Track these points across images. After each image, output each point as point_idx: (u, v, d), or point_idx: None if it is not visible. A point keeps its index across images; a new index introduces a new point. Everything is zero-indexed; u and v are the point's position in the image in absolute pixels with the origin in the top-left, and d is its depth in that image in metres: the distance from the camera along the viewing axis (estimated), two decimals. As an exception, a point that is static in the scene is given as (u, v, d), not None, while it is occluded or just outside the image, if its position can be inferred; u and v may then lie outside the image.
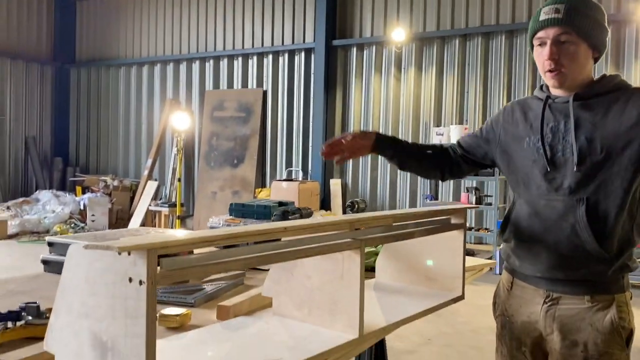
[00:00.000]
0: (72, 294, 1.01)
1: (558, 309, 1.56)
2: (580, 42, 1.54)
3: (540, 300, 1.60)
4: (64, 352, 1.05)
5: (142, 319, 0.84)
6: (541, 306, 1.59)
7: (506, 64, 7.92)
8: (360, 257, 1.31)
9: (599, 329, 1.50)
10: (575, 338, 1.52)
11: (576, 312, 1.53)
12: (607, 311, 1.51)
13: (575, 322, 1.53)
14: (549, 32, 1.55)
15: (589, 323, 1.52)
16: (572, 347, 1.53)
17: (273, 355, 1.20)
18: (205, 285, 1.86)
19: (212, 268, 0.96)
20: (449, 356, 4.03)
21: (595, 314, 1.52)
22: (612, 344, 1.50)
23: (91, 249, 0.89)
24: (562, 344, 1.54)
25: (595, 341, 1.50)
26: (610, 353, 1.50)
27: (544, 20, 1.55)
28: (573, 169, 1.52)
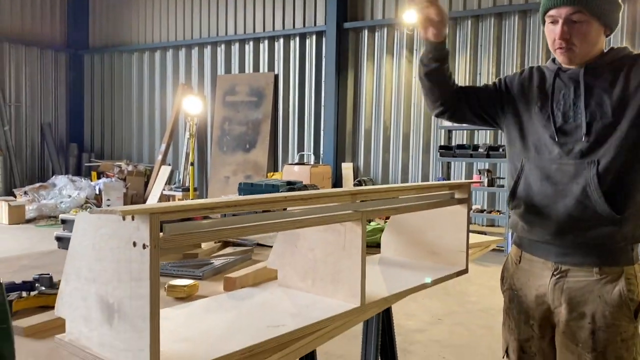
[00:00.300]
0: (80, 260, 1.06)
1: (566, 282, 1.58)
2: (593, 21, 1.54)
3: (549, 273, 1.61)
4: (74, 316, 1.10)
5: (146, 281, 0.88)
6: (549, 279, 1.61)
7: (519, 44, 7.83)
8: (361, 228, 1.34)
9: (607, 301, 1.52)
10: (583, 310, 1.54)
11: (585, 285, 1.55)
12: (616, 283, 1.52)
13: (583, 294, 1.54)
14: (561, 11, 1.55)
15: (597, 295, 1.53)
16: (580, 319, 1.55)
17: (277, 322, 1.24)
18: (213, 260, 1.91)
19: (212, 234, 1.00)
20: (459, 334, 4.06)
21: (603, 286, 1.53)
22: (620, 316, 1.51)
23: (96, 213, 0.93)
24: (570, 316, 1.56)
25: (604, 313, 1.52)
26: (618, 325, 1.52)
27: (554, 0, 1.55)
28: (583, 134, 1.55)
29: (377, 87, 8.98)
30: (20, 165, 11.64)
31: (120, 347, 0.96)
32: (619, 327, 1.52)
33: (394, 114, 8.85)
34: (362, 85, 9.10)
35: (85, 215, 1.02)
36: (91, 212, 0.94)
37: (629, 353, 1.52)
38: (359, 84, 9.13)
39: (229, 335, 1.15)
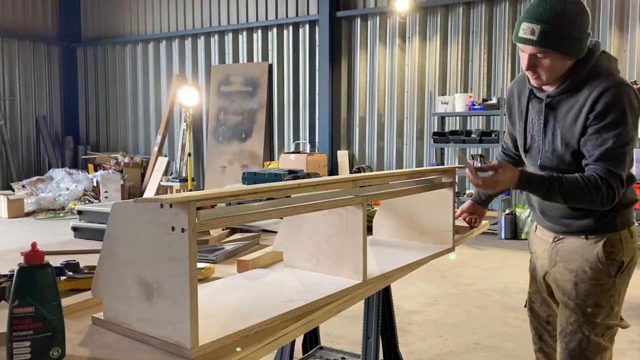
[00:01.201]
0: (117, 245, 1.19)
1: (562, 245, 1.93)
2: (557, 56, 1.72)
3: (551, 239, 1.97)
4: (111, 296, 1.23)
5: (186, 261, 1.01)
6: (550, 244, 1.97)
7: (510, 31, 7.94)
8: (362, 211, 1.48)
9: (587, 259, 1.84)
10: (571, 267, 1.88)
11: (574, 247, 1.88)
12: (596, 246, 1.83)
13: (572, 254, 1.88)
14: (526, 49, 1.73)
15: (581, 254, 1.86)
16: (569, 273, 1.88)
17: (290, 298, 1.38)
18: (224, 245, 2.04)
19: (238, 218, 1.13)
20: (454, 315, 4.23)
21: (587, 248, 1.85)
22: (598, 272, 1.83)
23: (140, 202, 1.06)
24: (562, 271, 1.91)
25: (584, 269, 1.85)
26: (597, 278, 1.83)
27: (521, 38, 1.72)
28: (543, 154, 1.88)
29: (370, 75, 9.09)
30: (16, 159, 11.69)
31: (159, 321, 1.09)
32: (598, 281, 1.83)
33: (387, 102, 8.97)
34: (355, 74, 9.21)
35: (122, 204, 1.15)
36: (136, 201, 1.07)
37: (607, 302, 1.83)
38: (353, 72, 9.24)
39: (250, 310, 1.29)
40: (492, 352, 3.50)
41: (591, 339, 1.83)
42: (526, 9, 1.74)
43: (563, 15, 1.67)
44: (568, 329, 1.87)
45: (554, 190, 1.72)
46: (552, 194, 1.74)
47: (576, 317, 1.85)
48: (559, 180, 1.73)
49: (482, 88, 8.16)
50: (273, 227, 2.40)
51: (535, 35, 1.67)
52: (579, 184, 1.70)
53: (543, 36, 1.67)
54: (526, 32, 1.69)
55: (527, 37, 1.69)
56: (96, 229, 2.25)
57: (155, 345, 1.11)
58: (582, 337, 1.84)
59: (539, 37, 1.67)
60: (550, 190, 1.73)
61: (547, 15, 1.67)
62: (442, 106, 7.78)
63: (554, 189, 1.72)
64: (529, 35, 1.68)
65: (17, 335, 1.01)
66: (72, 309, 1.37)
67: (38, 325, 1.03)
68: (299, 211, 1.31)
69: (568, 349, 1.87)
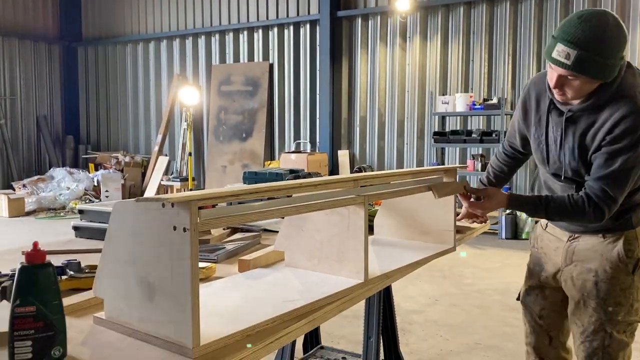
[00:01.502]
0: (119, 245, 1.19)
1: (577, 244, 1.94)
2: (587, 80, 1.68)
3: (565, 238, 1.98)
4: (112, 295, 1.23)
5: (187, 260, 1.01)
6: (565, 242, 1.98)
7: (511, 31, 7.94)
8: (364, 210, 1.47)
9: (607, 258, 1.86)
10: (590, 266, 1.89)
11: (591, 246, 1.90)
12: (615, 244, 1.86)
13: (590, 253, 1.90)
14: (558, 70, 1.68)
15: (600, 254, 1.87)
16: (587, 272, 1.89)
17: (291, 297, 1.38)
18: (225, 245, 2.04)
19: (240, 218, 1.13)
20: (455, 314, 4.23)
21: (605, 247, 1.87)
22: (618, 270, 1.85)
23: (142, 201, 1.06)
24: (579, 270, 1.91)
25: (604, 268, 1.86)
26: (617, 277, 1.85)
27: (554, 59, 1.66)
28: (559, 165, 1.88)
29: (371, 74, 9.09)
30: (17, 158, 11.70)
31: (161, 320, 1.09)
32: (618, 279, 1.85)
33: (388, 101, 8.97)
34: (356, 73, 9.21)
35: (123, 204, 1.15)
36: (138, 200, 1.06)
37: (627, 299, 1.86)
38: (354, 72, 9.24)
39: (251, 309, 1.29)
40: (492, 352, 3.50)
41: (614, 336, 1.87)
42: (563, 27, 1.66)
43: (601, 42, 1.62)
44: (590, 329, 1.89)
45: (540, 210, 1.83)
46: (539, 212, 1.84)
47: (598, 316, 1.87)
48: (546, 202, 1.82)
49: (483, 88, 8.16)
50: (274, 227, 2.40)
51: (570, 60, 1.62)
52: (564, 205, 1.79)
53: (578, 62, 1.62)
54: (560, 55, 1.64)
55: (561, 60, 1.64)
56: (97, 228, 2.25)
57: (157, 344, 1.11)
58: (604, 335, 1.87)
59: (573, 62, 1.62)
60: (538, 210, 1.83)
61: (585, 40, 1.61)
62: (442, 106, 7.77)
63: (541, 209, 1.83)
64: (564, 59, 1.63)
65: (19, 335, 1.01)
66: (74, 308, 1.37)
67: (39, 325, 1.02)
68: (301, 211, 1.31)
69: (592, 348, 1.90)
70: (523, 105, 2.00)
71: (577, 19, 1.66)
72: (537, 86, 1.95)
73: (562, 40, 1.64)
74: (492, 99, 7.66)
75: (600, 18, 1.65)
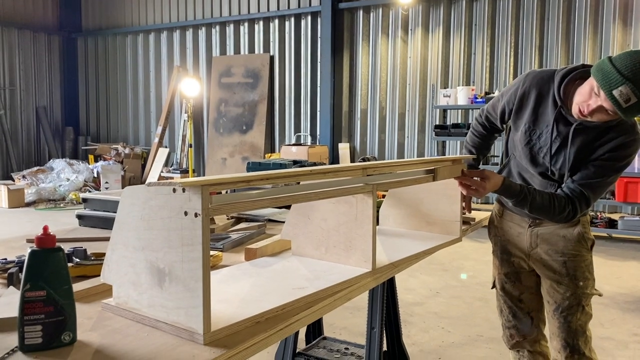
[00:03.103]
0: (128, 231, 1.18)
1: (539, 229, 2.08)
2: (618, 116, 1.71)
3: (526, 224, 2.12)
4: (121, 281, 1.22)
5: (199, 246, 1.00)
6: (526, 228, 2.11)
7: (513, 24, 7.91)
8: (372, 199, 1.47)
9: (570, 239, 2.03)
10: (556, 247, 2.05)
11: (553, 229, 2.05)
12: (575, 227, 2.03)
13: (553, 237, 2.05)
14: (606, 104, 1.65)
15: (562, 236, 2.04)
16: (554, 253, 2.06)
17: (300, 285, 1.37)
18: (230, 234, 2.03)
19: (251, 204, 1.12)
20: (456, 307, 4.24)
21: (567, 230, 2.04)
22: (580, 248, 2.03)
23: (152, 186, 1.05)
24: (548, 251, 2.07)
25: (569, 248, 2.03)
26: (581, 255, 2.04)
27: (613, 98, 1.61)
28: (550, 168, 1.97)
29: (372, 67, 9.06)
30: (16, 149, 11.67)
31: (171, 306, 1.08)
32: (582, 257, 2.04)
33: (389, 94, 8.95)
34: (357, 66, 9.18)
35: (133, 189, 1.14)
36: (149, 185, 1.05)
37: (591, 274, 2.06)
38: (355, 64, 9.21)
39: (260, 297, 1.28)
40: (494, 344, 3.50)
41: (585, 309, 2.04)
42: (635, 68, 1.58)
43: None
44: (565, 304, 2.04)
45: (525, 202, 1.91)
46: (523, 204, 1.92)
47: (572, 292, 2.03)
48: (533, 194, 1.90)
49: (485, 81, 8.14)
50: (279, 217, 2.40)
51: (628, 104, 1.60)
52: (548, 202, 1.89)
53: (630, 109, 1.61)
54: (622, 97, 1.59)
55: (619, 101, 1.60)
56: (100, 216, 2.24)
57: (167, 330, 1.10)
58: (577, 309, 2.03)
59: (628, 108, 1.61)
60: (523, 201, 1.91)
61: None
62: (444, 99, 7.75)
63: (527, 201, 1.90)
64: (622, 101, 1.60)
65: (29, 319, 1.01)
66: (81, 295, 1.36)
67: (49, 309, 1.02)
68: (311, 198, 1.30)
69: (567, 322, 2.04)
70: (520, 98, 2.02)
71: None
72: (540, 87, 1.96)
73: (631, 84, 1.58)
74: (494, 92, 7.64)
75: None
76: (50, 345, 1.02)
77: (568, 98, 1.87)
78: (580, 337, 2.04)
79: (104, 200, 2.28)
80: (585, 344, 2.05)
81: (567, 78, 1.87)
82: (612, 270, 5.16)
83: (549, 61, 7.69)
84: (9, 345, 1.04)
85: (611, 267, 5.29)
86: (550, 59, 7.69)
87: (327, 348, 2.83)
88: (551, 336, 2.12)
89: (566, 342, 2.04)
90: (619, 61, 1.62)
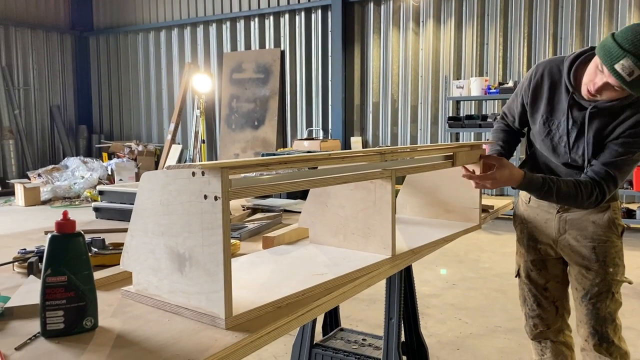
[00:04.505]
0: (147, 216, 1.17)
1: (568, 215, 2.04)
2: (626, 92, 1.69)
3: (554, 210, 2.07)
4: (141, 268, 1.22)
5: (219, 229, 0.99)
6: (555, 214, 2.07)
7: (527, 13, 7.82)
8: (391, 185, 1.45)
9: (600, 225, 1.99)
10: (585, 233, 2.00)
11: (581, 215, 2.01)
12: (605, 212, 1.99)
13: (582, 222, 2.01)
14: (612, 80, 1.64)
15: (592, 221, 2.00)
16: (584, 239, 2.01)
17: (319, 271, 1.36)
18: (247, 224, 2.03)
19: (270, 188, 1.11)
20: (473, 298, 4.20)
21: (596, 215, 1.99)
22: (610, 234, 1.99)
23: (171, 169, 1.04)
24: (575, 238, 2.02)
25: (599, 233, 1.99)
26: (611, 241, 1.99)
27: (616, 72, 1.60)
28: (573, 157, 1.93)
29: (384, 60, 9.00)
30: (31, 148, 11.79)
31: (192, 291, 1.08)
32: (612, 243, 1.99)
33: (401, 87, 8.89)
34: (369, 59, 9.13)
35: (152, 174, 1.13)
36: (169, 168, 1.05)
37: (621, 260, 2.02)
38: (366, 57, 9.16)
39: (280, 283, 1.27)
40: (513, 334, 3.47)
41: (615, 296, 1.99)
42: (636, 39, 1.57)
43: None
44: (594, 290, 1.99)
45: (550, 193, 1.85)
46: (548, 195, 1.87)
47: (602, 278, 1.98)
48: (557, 184, 1.84)
49: (498, 71, 8.06)
50: (294, 207, 2.38)
51: (632, 77, 1.59)
52: (574, 189, 1.83)
53: (636, 82, 1.60)
54: (624, 70, 1.58)
55: (622, 75, 1.59)
56: (117, 208, 2.24)
57: (188, 316, 1.09)
58: (607, 296, 1.98)
59: (633, 80, 1.59)
60: (548, 192, 1.85)
61: None
62: (457, 90, 7.69)
63: (551, 192, 1.85)
64: (625, 75, 1.59)
65: (51, 305, 1.00)
66: (101, 283, 1.36)
67: (71, 295, 1.01)
68: (329, 182, 1.29)
69: (596, 309, 1.99)
70: (533, 90, 2.00)
71: None
72: (552, 75, 1.94)
73: (632, 56, 1.57)
74: (508, 82, 7.56)
75: None
76: (72, 331, 1.02)
77: (579, 82, 1.84)
78: (610, 324, 1.99)
79: (121, 192, 2.28)
80: (615, 332, 2.00)
81: (577, 62, 1.85)
82: (632, 261, 5.09)
83: (564, 50, 7.58)
84: (31, 332, 1.04)
85: (630, 257, 5.21)
86: (565, 47, 7.58)
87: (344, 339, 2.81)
88: (578, 324, 2.07)
89: (594, 329, 1.99)
90: (620, 36, 1.61)
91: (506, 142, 2.23)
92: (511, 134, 2.25)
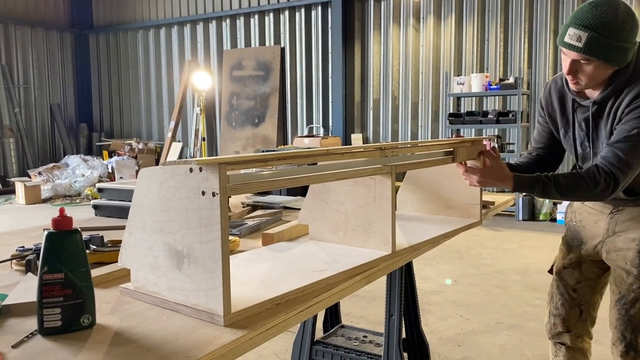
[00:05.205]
0: (145, 213, 1.16)
1: (620, 216, 1.95)
2: (600, 64, 1.69)
3: (608, 211, 1.99)
4: (139, 265, 1.21)
5: (217, 225, 0.98)
6: (607, 214, 1.98)
7: (527, 9, 7.79)
8: (391, 181, 1.44)
9: None
10: (633, 235, 1.91)
11: (635, 216, 1.92)
12: None
13: (633, 224, 1.92)
14: (570, 54, 1.70)
15: None
16: (630, 242, 1.91)
17: (319, 268, 1.35)
18: (246, 221, 2.02)
19: (269, 184, 1.10)
20: (474, 295, 4.20)
21: None
22: None
23: (168, 165, 1.03)
24: (622, 240, 1.94)
25: None
26: None
27: (566, 43, 1.69)
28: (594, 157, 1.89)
29: (384, 57, 8.98)
30: (32, 146, 11.78)
31: (190, 288, 1.07)
32: None
33: (402, 84, 8.87)
34: (369, 56, 9.11)
35: (149, 171, 1.13)
36: (165, 164, 1.04)
37: None
38: (366, 54, 9.14)
39: (279, 279, 1.26)
40: (514, 331, 3.47)
41: None
42: (574, 13, 1.70)
43: (612, 24, 1.64)
44: (630, 296, 1.92)
45: (549, 189, 1.78)
46: (548, 192, 1.79)
47: (639, 284, 1.91)
48: (554, 178, 1.78)
49: (499, 68, 8.03)
50: (294, 204, 2.38)
51: (581, 43, 1.65)
52: (576, 180, 1.76)
53: (589, 44, 1.65)
54: (572, 38, 1.66)
55: (572, 44, 1.67)
56: (116, 206, 2.24)
57: (186, 313, 1.08)
58: None
59: (585, 45, 1.65)
60: (546, 189, 1.78)
61: (595, 22, 1.64)
62: (457, 87, 7.67)
63: (549, 188, 1.78)
64: (575, 42, 1.66)
65: (47, 302, 1.00)
66: (99, 280, 1.35)
67: (68, 292, 1.01)
68: (328, 178, 1.28)
69: (628, 315, 1.93)
70: (547, 108, 2.02)
71: (588, 5, 1.69)
72: (557, 91, 1.97)
73: (573, 25, 1.67)
74: (509, 78, 7.54)
75: (610, 3, 1.67)
76: (70, 328, 1.01)
77: None
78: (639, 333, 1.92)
79: (120, 189, 2.27)
80: None
81: None
82: None
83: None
84: (28, 330, 1.03)
85: None
86: (566, 43, 7.55)
87: (345, 336, 2.81)
88: (610, 325, 2.02)
89: (623, 335, 1.94)
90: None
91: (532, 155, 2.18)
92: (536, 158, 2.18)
